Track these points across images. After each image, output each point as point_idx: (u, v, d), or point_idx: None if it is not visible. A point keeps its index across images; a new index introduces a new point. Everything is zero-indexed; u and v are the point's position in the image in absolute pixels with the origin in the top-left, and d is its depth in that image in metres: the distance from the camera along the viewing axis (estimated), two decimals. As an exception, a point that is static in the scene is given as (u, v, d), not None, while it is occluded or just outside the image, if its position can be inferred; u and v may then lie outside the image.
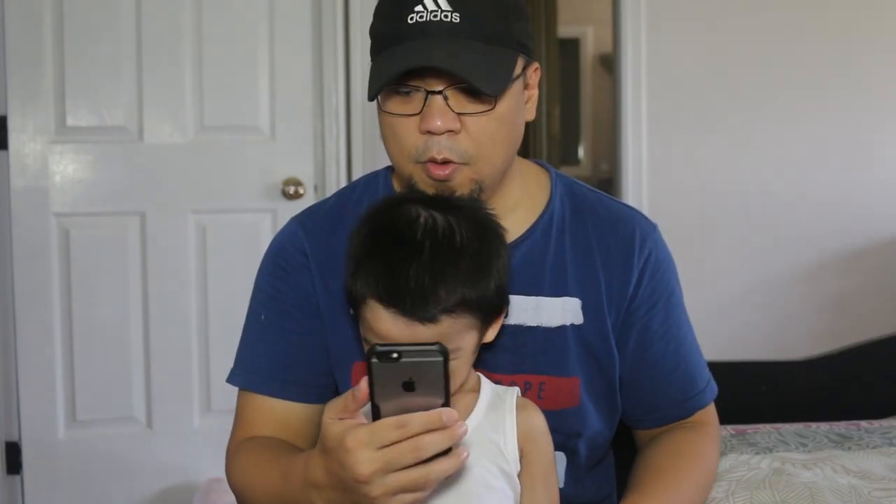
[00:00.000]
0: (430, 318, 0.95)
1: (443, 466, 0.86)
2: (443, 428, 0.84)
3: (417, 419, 0.84)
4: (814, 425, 1.71)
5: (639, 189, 2.96)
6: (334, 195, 1.26)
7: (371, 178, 1.25)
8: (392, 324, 0.95)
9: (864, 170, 3.01)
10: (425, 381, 0.85)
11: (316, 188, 2.75)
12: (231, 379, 1.22)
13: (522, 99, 1.12)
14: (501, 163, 1.10)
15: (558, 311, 1.15)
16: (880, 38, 3.01)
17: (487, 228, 1.02)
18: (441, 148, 1.04)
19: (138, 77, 2.55)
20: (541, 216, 1.18)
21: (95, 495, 2.56)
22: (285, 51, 2.65)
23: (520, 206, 1.17)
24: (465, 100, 1.04)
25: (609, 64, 5.01)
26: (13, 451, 2.54)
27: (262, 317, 1.20)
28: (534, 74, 1.14)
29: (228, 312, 2.62)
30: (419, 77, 1.03)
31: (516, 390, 1.07)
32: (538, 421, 1.05)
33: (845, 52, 2.99)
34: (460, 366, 1.00)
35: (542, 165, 1.25)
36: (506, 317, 1.09)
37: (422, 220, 0.98)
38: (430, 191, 1.06)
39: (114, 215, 2.59)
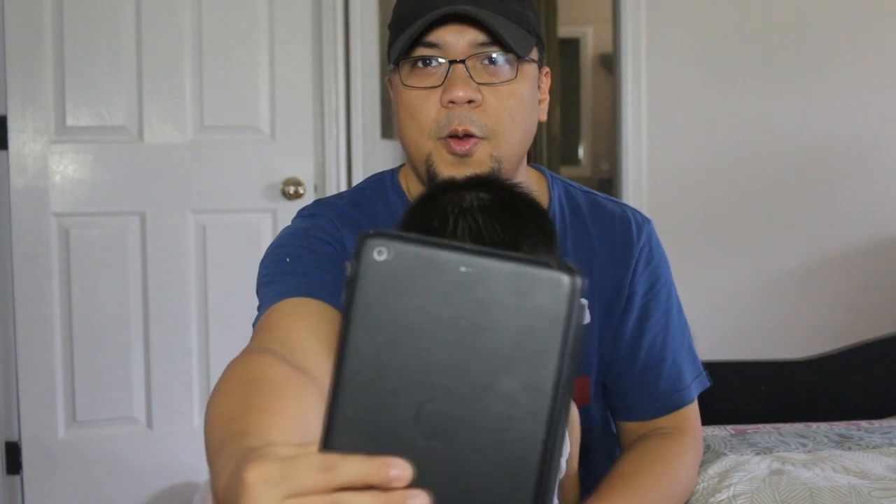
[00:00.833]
0: None
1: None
2: (384, 487, 0.50)
3: (351, 466, 0.51)
4: (814, 425, 1.72)
5: (639, 189, 2.96)
6: (345, 194, 1.23)
7: (377, 181, 1.24)
8: None
9: (865, 169, 3.01)
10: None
11: (316, 188, 2.75)
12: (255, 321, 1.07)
13: (537, 91, 1.13)
14: (518, 145, 1.11)
15: None
16: (879, 31, 3.01)
17: (533, 201, 1.02)
18: (462, 119, 1.05)
19: (138, 77, 2.55)
20: None
21: (95, 495, 2.56)
22: (285, 51, 2.65)
23: None
24: (485, 72, 1.06)
25: (609, 64, 5.01)
26: (13, 451, 2.53)
27: (288, 259, 1.10)
28: (545, 78, 1.16)
29: (228, 312, 2.62)
30: (440, 49, 1.05)
31: None
32: None
33: (846, 49, 2.99)
34: None
35: (537, 169, 1.26)
36: None
37: (481, 195, 0.97)
38: (450, 169, 1.06)
39: (114, 215, 2.59)
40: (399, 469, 0.52)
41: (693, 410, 1.24)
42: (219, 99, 2.61)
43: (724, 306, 2.96)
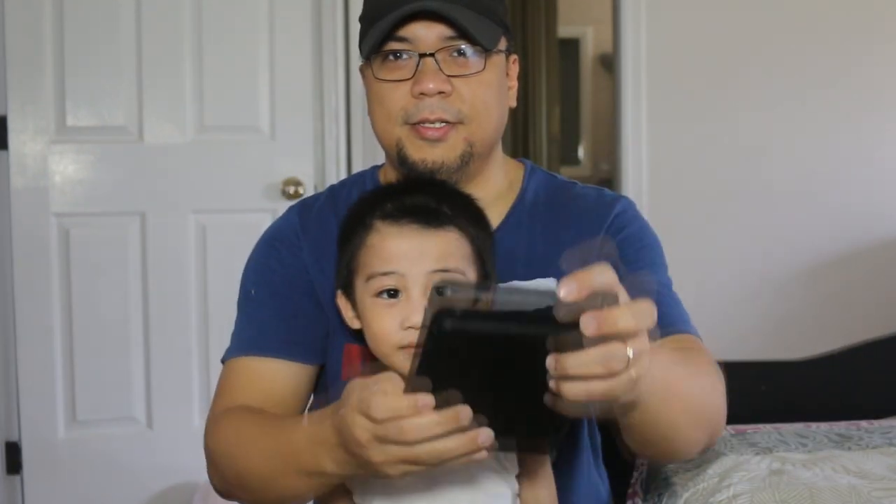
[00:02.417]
0: (438, 223, 0.99)
1: (447, 446, 0.80)
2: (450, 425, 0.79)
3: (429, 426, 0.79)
4: (814, 425, 1.72)
5: (639, 189, 2.96)
6: (327, 190, 1.29)
7: (358, 177, 1.28)
8: (400, 239, 0.98)
9: (866, 167, 3.01)
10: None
11: (316, 188, 2.75)
12: (224, 357, 1.21)
13: (506, 79, 1.16)
14: (493, 130, 1.13)
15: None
16: (881, 34, 3.01)
17: (479, 210, 1.08)
18: (434, 108, 1.08)
19: (138, 77, 2.55)
20: (511, 210, 1.19)
21: (95, 495, 2.56)
22: (285, 51, 2.65)
23: (500, 198, 1.19)
24: (455, 64, 1.09)
25: (609, 64, 5.01)
26: (13, 450, 2.54)
27: (252, 291, 1.23)
28: (513, 66, 1.18)
29: (228, 312, 2.61)
30: (410, 43, 1.08)
31: None
32: None
33: (846, 50, 2.99)
34: None
35: (521, 162, 1.26)
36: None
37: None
38: (420, 152, 1.09)
39: (114, 215, 2.59)
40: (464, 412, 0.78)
41: (701, 343, 1.12)
42: (219, 99, 2.61)
43: (724, 306, 2.96)
